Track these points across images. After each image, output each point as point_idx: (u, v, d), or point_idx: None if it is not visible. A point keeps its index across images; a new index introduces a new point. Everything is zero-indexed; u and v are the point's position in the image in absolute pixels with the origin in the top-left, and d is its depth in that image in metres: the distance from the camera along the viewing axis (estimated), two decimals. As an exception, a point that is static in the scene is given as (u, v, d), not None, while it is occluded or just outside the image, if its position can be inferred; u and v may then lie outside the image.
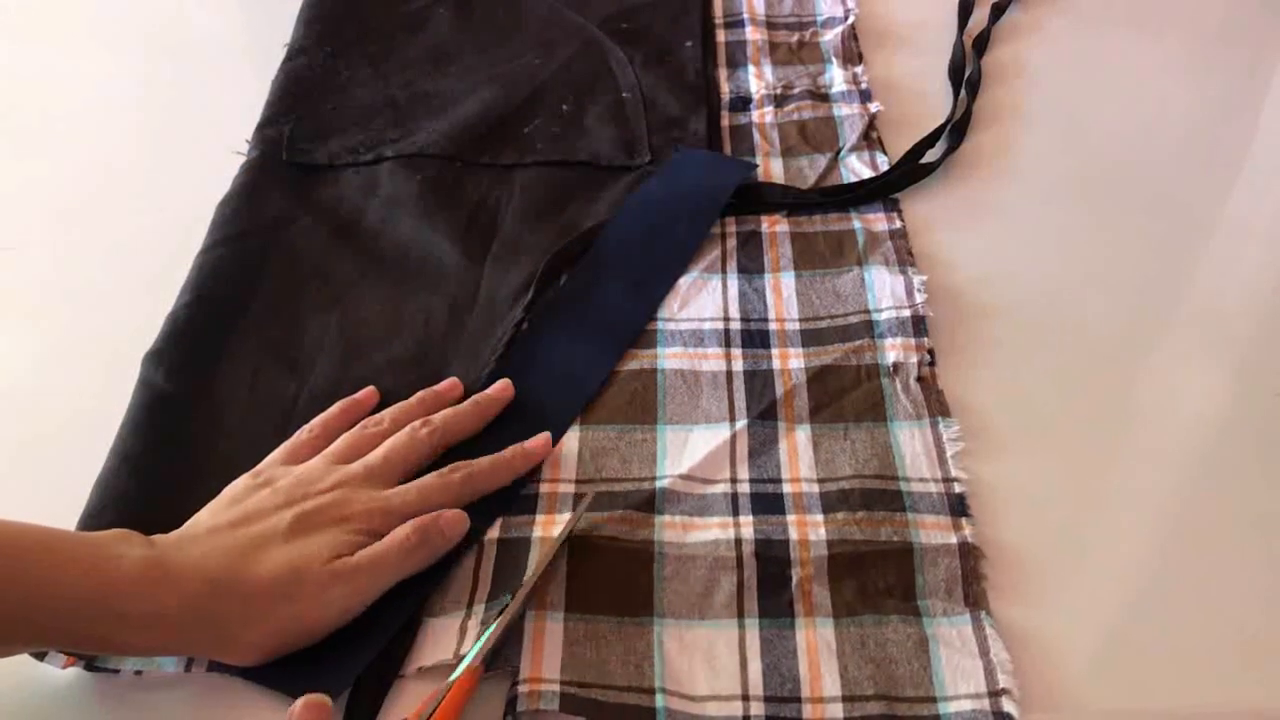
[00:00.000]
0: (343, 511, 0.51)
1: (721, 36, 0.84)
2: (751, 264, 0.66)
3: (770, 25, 0.84)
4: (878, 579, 0.50)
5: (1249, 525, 0.53)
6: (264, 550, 0.48)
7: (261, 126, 0.76)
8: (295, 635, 0.48)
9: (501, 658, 0.48)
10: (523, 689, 0.47)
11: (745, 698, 0.47)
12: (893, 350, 0.60)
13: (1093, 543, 0.53)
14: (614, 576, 0.51)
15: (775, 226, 0.68)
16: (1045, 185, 0.71)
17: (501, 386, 0.59)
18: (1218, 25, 0.82)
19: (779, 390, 0.59)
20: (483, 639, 0.47)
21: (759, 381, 0.59)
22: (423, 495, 0.53)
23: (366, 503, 0.51)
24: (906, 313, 0.61)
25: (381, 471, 0.53)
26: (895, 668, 0.47)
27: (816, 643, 0.48)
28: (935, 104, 0.77)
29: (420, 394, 0.58)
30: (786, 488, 0.54)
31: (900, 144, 0.73)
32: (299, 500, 0.51)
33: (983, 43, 0.81)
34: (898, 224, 0.67)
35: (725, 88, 0.79)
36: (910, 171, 0.70)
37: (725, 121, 0.77)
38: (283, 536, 0.49)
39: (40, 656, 0.50)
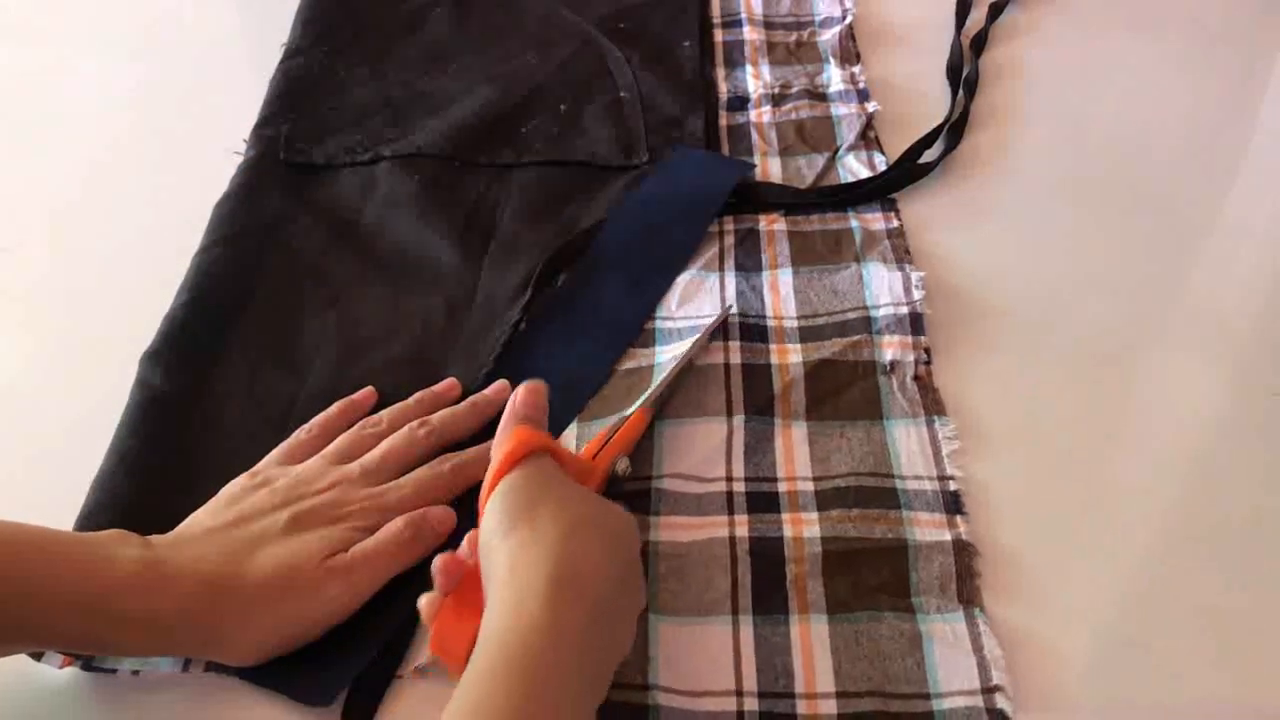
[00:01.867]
0: (339, 510, 0.51)
1: (719, 36, 0.84)
2: (749, 262, 0.66)
3: (768, 25, 0.84)
4: (871, 576, 0.50)
5: (1245, 524, 0.53)
6: (260, 550, 0.48)
7: (259, 126, 0.76)
8: (293, 634, 0.48)
9: None
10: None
11: (739, 693, 0.47)
12: (890, 348, 0.60)
13: (1088, 541, 0.53)
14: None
15: (773, 225, 0.68)
16: (1043, 185, 0.71)
17: (499, 388, 0.59)
18: (1217, 25, 0.82)
19: (776, 385, 0.59)
20: (657, 382, 0.57)
21: (757, 376, 0.59)
22: (418, 489, 0.53)
23: (363, 500, 0.52)
24: (904, 309, 0.61)
25: (378, 471, 0.53)
26: (889, 664, 0.47)
27: (811, 639, 0.48)
28: (933, 104, 0.77)
29: (418, 395, 0.58)
30: (782, 486, 0.54)
31: (898, 143, 0.73)
32: (295, 500, 0.51)
33: (980, 42, 0.81)
34: (895, 223, 0.67)
35: (723, 87, 0.79)
36: (908, 171, 0.70)
37: (723, 121, 0.77)
38: (278, 536, 0.49)
39: (38, 656, 0.50)
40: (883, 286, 0.63)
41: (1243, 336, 0.62)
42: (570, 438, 0.57)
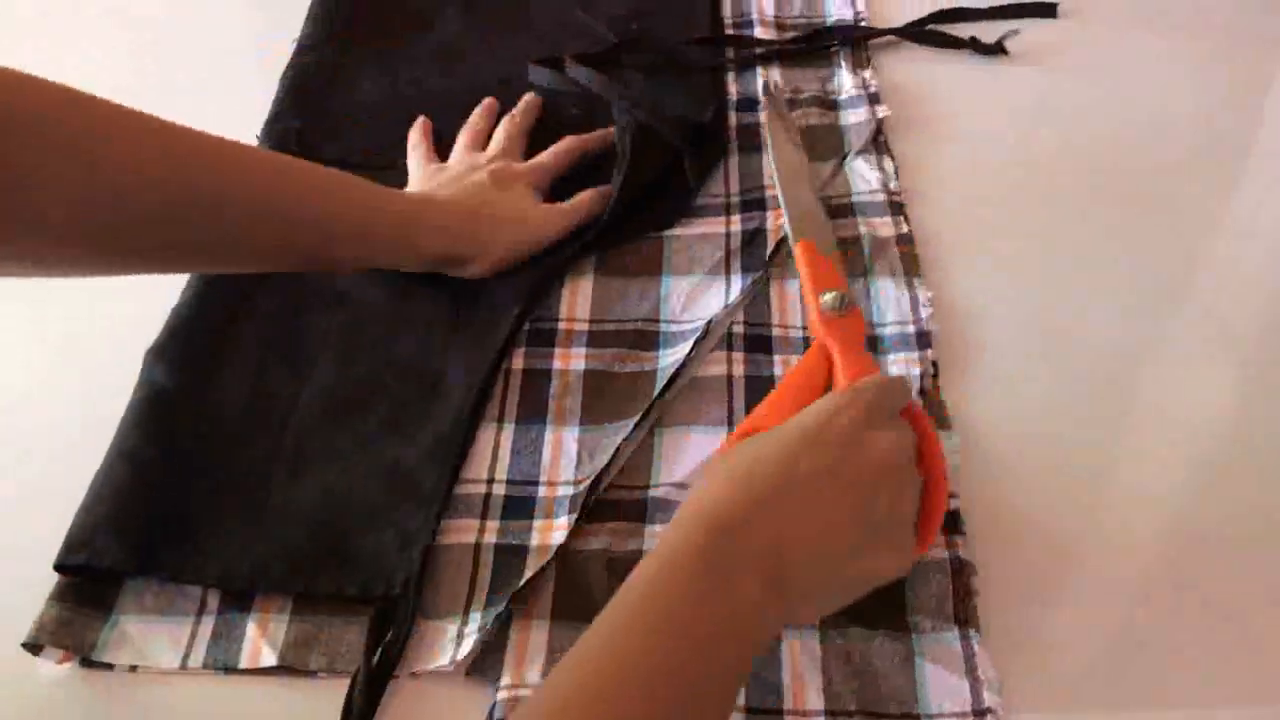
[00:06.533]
0: (511, 172, 0.67)
1: (731, 37, 0.83)
2: (756, 264, 0.65)
3: (779, 27, 0.83)
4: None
5: (1248, 540, 0.53)
6: (489, 194, 0.65)
7: (270, 123, 0.76)
8: (522, 255, 0.65)
9: (484, 666, 0.48)
10: (502, 695, 0.47)
11: (728, 710, 0.47)
12: (896, 365, 0.59)
13: (1091, 556, 0.53)
14: (601, 585, 0.51)
15: (779, 221, 0.67)
16: (1050, 189, 0.70)
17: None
18: (1225, 24, 0.81)
19: None
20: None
21: (760, 387, 0.59)
22: (555, 158, 0.70)
23: (526, 166, 0.69)
24: (911, 328, 0.61)
25: (509, 149, 0.70)
26: (880, 682, 0.47)
27: (800, 655, 0.48)
28: (943, 105, 0.76)
29: (477, 111, 0.74)
30: (780, 497, 0.54)
31: (907, 147, 0.72)
32: (481, 167, 0.67)
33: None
34: (905, 229, 0.66)
35: (733, 88, 0.79)
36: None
37: (732, 121, 0.76)
38: (494, 188, 0.65)
39: (36, 652, 0.50)
40: (889, 305, 0.62)
41: (1251, 349, 0.62)
42: (570, 444, 0.57)
